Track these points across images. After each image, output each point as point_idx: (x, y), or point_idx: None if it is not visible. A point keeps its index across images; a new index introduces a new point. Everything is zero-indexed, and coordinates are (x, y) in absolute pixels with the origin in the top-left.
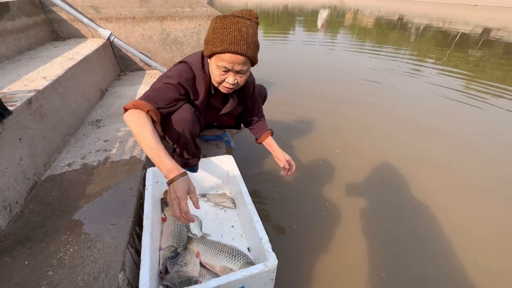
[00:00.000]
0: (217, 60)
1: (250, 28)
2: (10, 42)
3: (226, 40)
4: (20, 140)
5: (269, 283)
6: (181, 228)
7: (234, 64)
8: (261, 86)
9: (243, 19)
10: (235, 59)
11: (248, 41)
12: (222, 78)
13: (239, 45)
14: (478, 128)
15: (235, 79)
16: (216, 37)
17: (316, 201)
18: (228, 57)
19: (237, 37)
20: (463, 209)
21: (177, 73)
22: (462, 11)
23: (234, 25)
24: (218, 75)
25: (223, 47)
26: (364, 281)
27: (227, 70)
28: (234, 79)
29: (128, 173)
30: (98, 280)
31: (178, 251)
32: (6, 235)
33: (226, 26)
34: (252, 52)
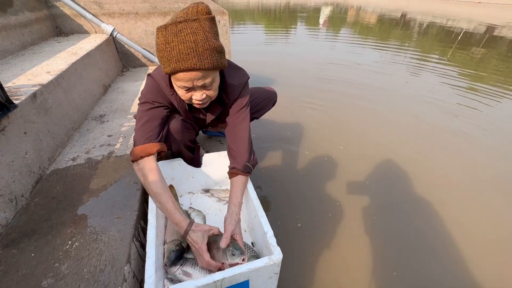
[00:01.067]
0: (174, 81)
1: (199, 32)
2: (13, 37)
3: (172, 58)
4: (25, 133)
5: (273, 277)
6: None
7: (192, 81)
8: (271, 91)
9: (187, 22)
10: (191, 76)
11: (198, 51)
12: (188, 96)
13: (187, 60)
14: (481, 126)
15: (202, 93)
16: (162, 56)
17: (321, 197)
18: (182, 76)
19: (183, 51)
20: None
21: (149, 91)
22: (465, 9)
23: (176, 37)
24: (183, 95)
25: (171, 67)
26: (369, 278)
27: (189, 88)
28: (202, 94)
29: (132, 168)
30: (104, 272)
31: (183, 245)
32: (13, 228)
33: (168, 41)
34: (210, 60)
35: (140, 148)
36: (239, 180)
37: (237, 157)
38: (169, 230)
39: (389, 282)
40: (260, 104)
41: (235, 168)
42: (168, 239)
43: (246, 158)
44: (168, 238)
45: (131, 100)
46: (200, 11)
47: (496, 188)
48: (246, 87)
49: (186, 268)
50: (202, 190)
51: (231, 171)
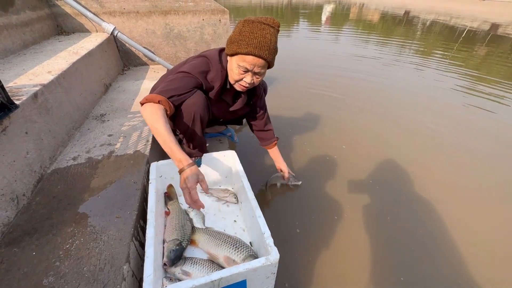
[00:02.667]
0: (239, 60)
1: (273, 35)
2: (15, 36)
3: (251, 43)
4: (27, 133)
5: (270, 276)
6: (184, 222)
7: (254, 66)
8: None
9: (268, 26)
10: (257, 61)
11: (270, 47)
12: (240, 77)
13: (262, 50)
14: (485, 126)
15: (252, 79)
16: (242, 39)
17: (321, 197)
18: (251, 59)
19: (262, 42)
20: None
21: (192, 65)
22: (469, 6)
23: (260, 31)
24: (237, 74)
25: (248, 49)
26: (373, 281)
27: (247, 70)
28: (251, 79)
29: (132, 167)
30: (103, 271)
31: (182, 244)
32: (14, 227)
33: (253, 31)
34: (272, 57)
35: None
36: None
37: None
38: (169, 229)
39: (389, 283)
40: None
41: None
42: (168, 238)
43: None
44: (168, 237)
45: (131, 99)
46: (275, 23)
47: (500, 188)
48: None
49: (185, 267)
50: (202, 189)
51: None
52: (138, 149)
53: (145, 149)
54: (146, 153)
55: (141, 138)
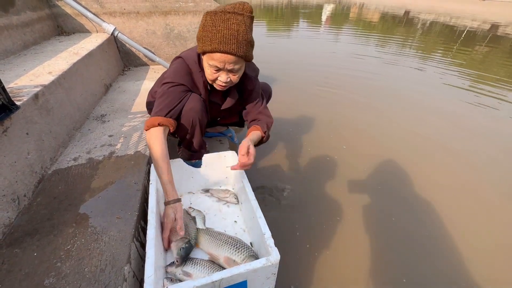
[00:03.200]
0: (208, 59)
1: (241, 24)
2: (15, 37)
3: (215, 39)
4: (27, 134)
5: (271, 277)
6: (188, 221)
7: (225, 63)
8: (265, 84)
9: (234, 14)
10: (226, 58)
11: (239, 39)
12: (214, 76)
13: (228, 44)
14: (485, 126)
15: (227, 77)
16: (205, 35)
17: (322, 197)
18: (218, 56)
19: (227, 35)
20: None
21: (173, 71)
22: (469, 6)
23: (223, 23)
24: (210, 74)
25: (212, 46)
26: (375, 283)
27: (218, 69)
28: (227, 78)
29: (133, 168)
30: (105, 272)
31: (191, 242)
32: (15, 227)
33: (215, 24)
34: (244, 50)
35: (149, 120)
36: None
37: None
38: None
39: (389, 283)
40: None
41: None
42: (175, 237)
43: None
44: (174, 236)
45: (132, 99)
46: (245, 9)
47: (502, 188)
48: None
49: (186, 268)
50: (202, 190)
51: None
52: (139, 149)
53: (146, 149)
54: (147, 153)
55: (141, 139)
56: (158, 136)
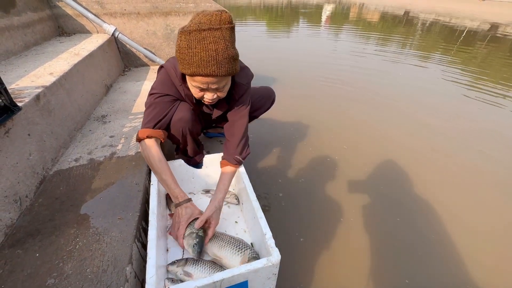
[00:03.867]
0: (190, 80)
1: (220, 41)
2: (16, 38)
3: (192, 62)
4: (29, 135)
5: (272, 277)
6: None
7: (207, 84)
8: (269, 89)
9: (211, 31)
10: (208, 80)
11: (218, 60)
12: (199, 95)
13: (207, 67)
14: (485, 126)
15: (214, 94)
16: (182, 58)
17: (323, 197)
18: (200, 79)
19: (204, 58)
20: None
21: (159, 82)
22: (469, 6)
23: (199, 43)
24: (196, 93)
25: (191, 70)
26: (370, 282)
27: (202, 89)
28: (213, 95)
29: (134, 169)
30: (106, 273)
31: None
32: (17, 228)
33: (190, 45)
34: (226, 69)
35: (139, 132)
36: (228, 169)
37: (230, 149)
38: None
39: (388, 284)
40: (259, 103)
41: (225, 159)
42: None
43: (238, 152)
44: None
45: (132, 100)
46: (223, 20)
47: (502, 188)
48: (250, 86)
49: (187, 268)
50: (203, 191)
51: (222, 161)
52: (140, 150)
53: None
54: None
55: None
56: (151, 145)
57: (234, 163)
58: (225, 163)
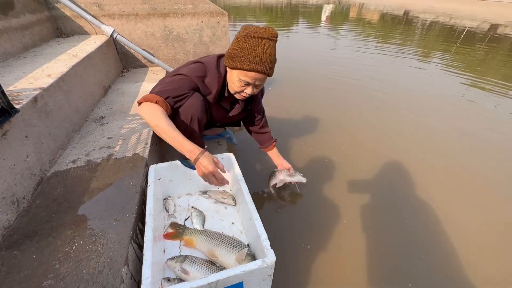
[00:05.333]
0: (241, 75)
1: (273, 48)
2: (15, 39)
3: (254, 60)
4: (27, 137)
5: (267, 279)
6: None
7: (256, 80)
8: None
9: (268, 40)
10: (258, 76)
11: (271, 62)
12: (241, 89)
13: (264, 66)
14: (485, 126)
15: (252, 91)
16: (244, 56)
17: (322, 198)
18: (253, 75)
19: (264, 58)
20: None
21: (190, 69)
22: (469, 6)
23: (261, 47)
24: (239, 87)
25: (250, 66)
26: (368, 283)
27: (248, 84)
28: (252, 91)
29: (131, 170)
30: (102, 274)
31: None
32: (15, 230)
33: (254, 47)
34: (272, 71)
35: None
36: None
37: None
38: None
39: (384, 283)
40: None
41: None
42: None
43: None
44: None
45: (130, 101)
46: (274, 34)
47: (503, 188)
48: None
49: (185, 265)
50: (200, 192)
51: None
52: (137, 151)
53: (144, 151)
54: (145, 155)
55: (140, 141)
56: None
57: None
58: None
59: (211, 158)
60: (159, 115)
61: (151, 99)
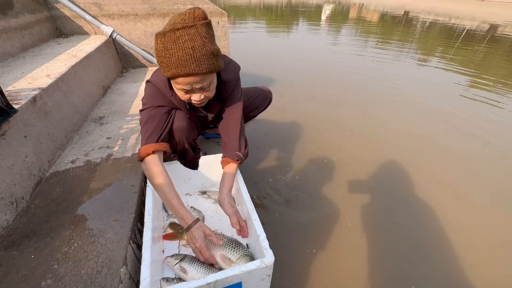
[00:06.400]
0: (174, 84)
1: (196, 38)
2: (14, 39)
3: (171, 64)
4: (25, 137)
5: (266, 279)
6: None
7: (191, 84)
8: (266, 89)
9: (185, 29)
10: (190, 80)
11: (196, 57)
12: (187, 97)
13: (186, 66)
14: (485, 126)
15: (200, 95)
16: (161, 61)
17: (321, 198)
18: (181, 80)
19: (182, 57)
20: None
21: (149, 96)
22: (469, 7)
23: (175, 43)
24: (182, 96)
25: (170, 72)
26: (362, 283)
27: (187, 90)
28: (200, 95)
29: (130, 170)
30: (101, 274)
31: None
32: (13, 230)
33: (166, 47)
34: (207, 65)
35: (141, 149)
36: (231, 166)
37: (229, 146)
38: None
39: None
40: (255, 103)
41: (226, 157)
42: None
43: (237, 148)
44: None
45: (130, 101)
46: (197, 17)
47: (502, 190)
48: (239, 79)
49: (183, 264)
50: (199, 192)
51: (223, 160)
52: (136, 152)
53: None
54: None
55: (139, 141)
56: (156, 163)
57: (235, 159)
58: (226, 161)
59: (201, 231)
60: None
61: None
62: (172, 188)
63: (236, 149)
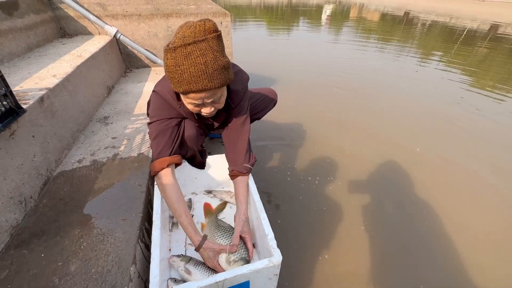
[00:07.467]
0: (184, 98)
1: (208, 52)
2: (19, 40)
3: (183, 80)
4: (33, 137)
5: (273, 278)
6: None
7: (202, 99)
8: (272, 91)
9: (196, 44)
10: (201, 95)
11: (208, 73)
12: (196, 110)
13: (199, 82)
14: (485, 126)
15: (210, 108)
16: (172, 77)
17: (327, 198)
18: (193, 95)
19: (194, 73)
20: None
21: (156, 107)
22: (469, 7)
23: (186, 59)
24: (192, 109)
25: (182, 88)
26: (367, 282)
27: (198, 104)
28: (210, 108)
29: (137, 170)
30: (111, 273)
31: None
32: (22, 229)
33: (178, 63)
34: (219, 80)
35: (155, 164)
36: (241, 180)
37: (237, 158)
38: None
39: (386, 285)
40: (261, 105)
41: (235, 170)
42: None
43: (244, 160)
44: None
45: (134, 101)
46: (207, 30)
47: (502, 190)
48: (247, 89)
49: (188, 266)
50: (205, 191)
51: (232, 173)
52: (142, 151)
53: (149, 151)
54: (150, 156)
55: (144, 141)
56: (168, 178)
57: (245, 172)
58: (236, 174)
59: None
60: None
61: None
62: (182, 205)
63: (245, 162)
